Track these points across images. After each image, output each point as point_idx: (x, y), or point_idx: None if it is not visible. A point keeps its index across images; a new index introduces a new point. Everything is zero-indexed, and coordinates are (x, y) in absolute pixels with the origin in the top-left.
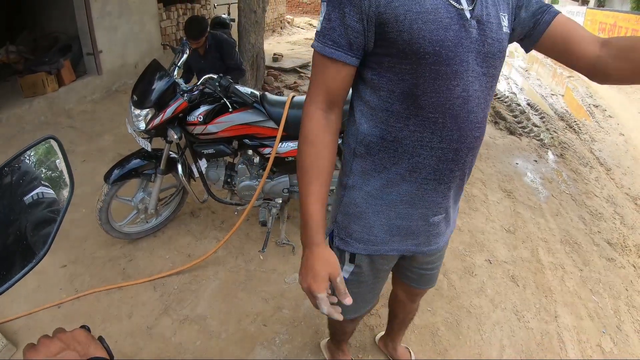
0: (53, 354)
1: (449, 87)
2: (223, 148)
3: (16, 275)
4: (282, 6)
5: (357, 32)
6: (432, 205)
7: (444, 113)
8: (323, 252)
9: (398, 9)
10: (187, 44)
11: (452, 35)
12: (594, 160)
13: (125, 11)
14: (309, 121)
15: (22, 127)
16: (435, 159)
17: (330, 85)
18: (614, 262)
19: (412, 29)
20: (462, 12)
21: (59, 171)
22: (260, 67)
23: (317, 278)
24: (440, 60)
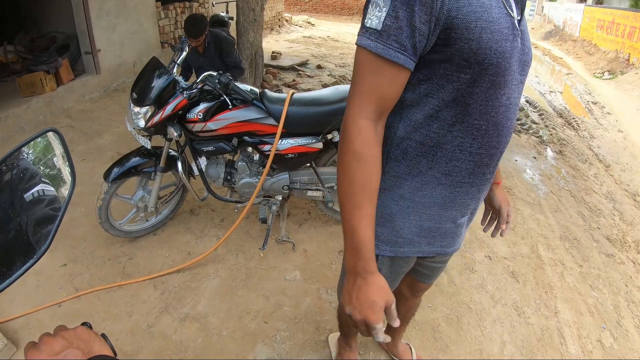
0: (56, 352)
1: (497, 96)
2: (223, 145)
3: (17, 272)
4: (280, 4)
5: (422, 34)
6: (462, 207)
7: (488, 120)
8: (379, 281)
9: (470, 16)
10: (186, 42)
11: (509, 47)
12: (593, 157)
13: (124, 10)
14: (357, 133)
15: (21, 126)
16: (472, 164)
17: (385, 92)
18: (614, 258)
19: (481, 39)
20: (514, 22)
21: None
22: (258, 65)
23: (375, 309)
24: (499, 71)
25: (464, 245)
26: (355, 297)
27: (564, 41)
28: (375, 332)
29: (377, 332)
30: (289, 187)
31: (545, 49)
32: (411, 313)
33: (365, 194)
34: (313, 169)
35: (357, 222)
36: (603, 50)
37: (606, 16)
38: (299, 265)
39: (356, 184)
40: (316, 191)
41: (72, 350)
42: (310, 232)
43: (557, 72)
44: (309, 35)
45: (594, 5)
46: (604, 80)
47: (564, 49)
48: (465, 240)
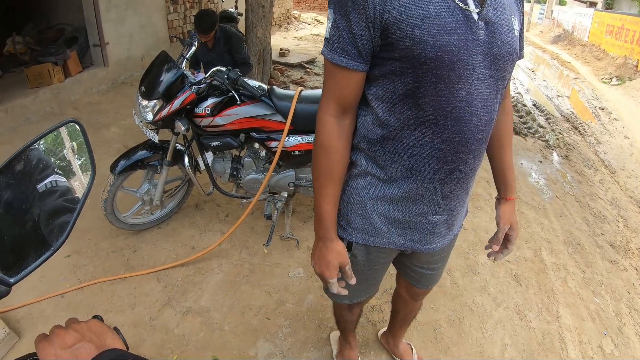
0: (68, 345)
1: (451, 91)
2: (230, 141)
3: (33, 263)
4: (289, 1)
5: (364, 38)
6: (432, 204)
7: (445, 115)
8: (336, 245)
9: (401, 15)
10: (196, 37)
11: (457, 40)
12: (599, 163)
13: (133, 4)
14: (322, 128)
15: (28, 117)
16: (435, 159)
17: (342, 92)
18: (617, 265)
19: (415, 35)
20: (469, 14)
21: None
22: (266, 62)
23: (329, 266)
24: (443, 65)
25: (468, 247)
26: (317, 256)
27: (573, 45)
28: (330, 284)
29: (331, 285)
30: (294, 184)
31: (554, 53)
32: (412, 316)
33: (327, 178)
34: None
35: (322, 199)
36: (612, 55)
37: (615, 21)
38: (303, 263)
39: (321, 169)
40: None
41: (84, 343)
42: None
43: (565, 77)
44: (317, 33)
45: (603, 10)
46: (612, 86)
47: (572, 54)
48: (468, 242)
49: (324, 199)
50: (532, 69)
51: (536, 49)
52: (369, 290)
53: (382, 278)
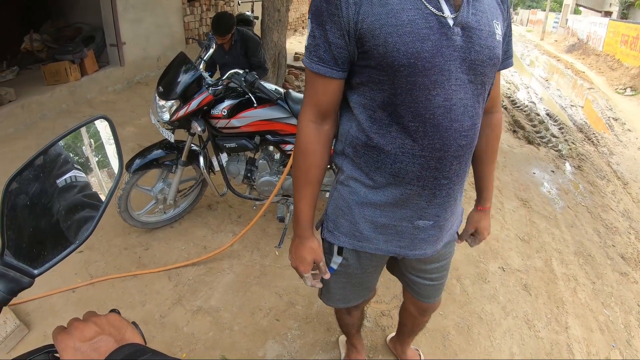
0: (87, 338)
1: (427, 97)
2: (245, 143)
3: (57, 256)
4: (304, 6)
5: (340, 47)
6: (417, 209)
7: (424, 122)
8: (310, 243)
9: (374, 24)
10: (213, 39)
11: (430, 46)
12: (611, 174)
13: (150, 4)
14: (301, 133)
15: (44, 114)
16: (418, 166)
17: (320, 98)
18: (627, 277)
19: (387, 43)
20: (444, 20)
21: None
22: (281, 66)
23: (303, 262)
24: (416, 71)
25: (478, 255)
26: (293, 252)
27: (587, 55)
28: (304, 278)
29: (306, 279)
30: None
31: (568, 62)
32: (419, 328)
33: (304, 180)
34: (333, 170)
35: (299, 199)
36: (626, 65)
37: (631, 31)
38: None
39: (299, 172)
40: None
41: (104, 336)
42: None
43: (578, 86)
44: None
45: (618, 19)
46: (626, 96)
47: (586, 63)
48: (479, 250)
49: (301, 199)
50: (546, 78)
51: (550, 58)
52: (363, 293)
53: (376, 282)
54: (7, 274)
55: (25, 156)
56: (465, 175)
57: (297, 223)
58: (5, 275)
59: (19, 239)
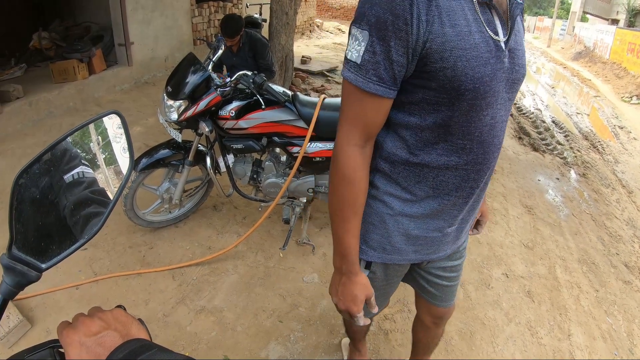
0: (93, 333)
1: (479, 117)
2: (252, 144)
3: (65, 251)
4: (312, 10)
5: (401, 65)
6: (449, 218)
7: (472, 140)
8: (360, 278)
9: (444, 45)
10: (222, 40)
11: (490, 70)
12: (616, 182)
13: (159, 5)
14: (346, 159)
15: (51, 111)
16: (459, 179)
17: (369, 120)
18: (631, 285)
19: (457, 67)
20: (499, 44)
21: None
22: (289, 68)
23: (356, 301)
24: (477, 95)
25: (482, 261)
26: (340, 292)
27: (594, 63)
28: (357, 319)
29: (358, 319)
30: (314, 190)
31: (575, 70)
32: (434, 343)
33: (351, 210)
34: None
35: (344, 233)
36: (633, 74)
37: (637, 39)
38: (318, 268)
39: (344, 202)
40: None
41: (110, 331)
42: (331, 236)
43: (585, 94)
44: (339, 41)
45: (625, 27)
46: (632, 104)
47: (593, 71)
48: (482, 256)
49: (347, 232)
50: (552, 85)
51: (557, 65)
52: (383, 304)
53: (394, 291)
54: (15, 268)
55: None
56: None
57: (344, 259)
58: (13, 268)
59: (27, 233)
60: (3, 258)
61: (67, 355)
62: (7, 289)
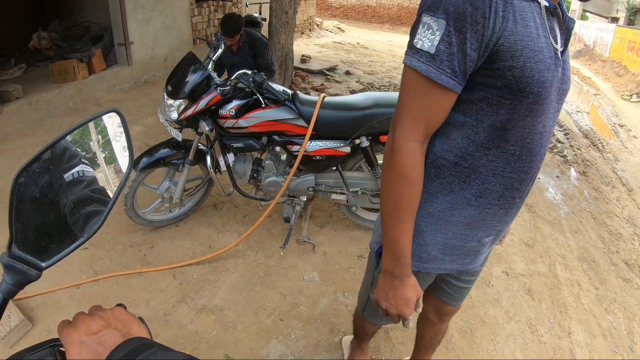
0: (93, 332)
1: (534, 124)
2: (252, 143)
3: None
4: (312, 8)
5: (472, 60)
6: (488, 228)
7: (522, 146)
8: (412, 281)
9: (516, 44)
10: (222, 39)
11: (550, 77)
12: (616, 180)
13: (159, 5)
14: (405, 157)
15: (51, 111)
16: (502, 187)
17: (434, 115)
18: (631, 283)
19: (525, 67)
20: (557, 52)
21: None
22: (288, 67)
23: (409, 304)
24: (539, 100)
25: None
26: (391, 296)
27: (594, 61)
28: (408, 321)
29: (410, 322)
30: (314, 189)
31: (574, 68)
32: (437, 340)
33: (408, 211)
34: (339, 172)
35: (400, 235)
36: (632, 72)
37: (637, 37)
38: (318, 267)
39: (401, 202)
40: (340, 195)
41: (110, 330)
42: (331, 235)
43: (584, 92)
44: (338, 40)
45: (625, 26)
46: (632, 103)
47: (593, 69)
48: None
49: (402, 234)
50: None
51: None
52: None
53: None
54: (14, 267)
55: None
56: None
57: (398, 262)
58: (13, 267)
59: (27, 232)
60: (3, 257)
61: (67, 354)
62: (7, 287)
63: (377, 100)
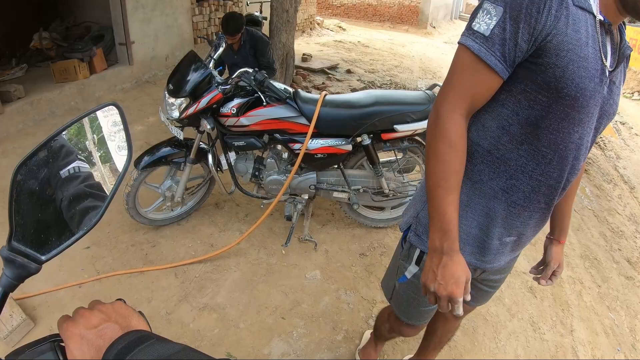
0: (93, 325)
1: (569, 131)
2: (254, 141)
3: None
4: (312, 7)
5: (521, 51)
6: (510, 227)
7: (555, 151)
8: (461, 259)
9: (563, 44)
10: (223, 38)
11: (592, 87)
12: (618, 178)
13: (159, 4)
14: (453, 126)
15: (52, 111)
16: (530, 188)
17: (479, 93)
18: (633, 281)
19: (567, 69)
20: (605, 70)
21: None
22: (289, 66)
23: (459, 284)
24: (575, 105)
25: None
26: (440, 275)
27: None
28: (458, 305)
29: (459, 306)
30: (315, 187)
31: None
32: (447, 338)
33: (457, 180)
34: (341, 170)
35: (448, 205)
36: (634, 70)
37: (639, 35)
38: (320, 265)
39: (450, 170)
40: (342, 193)
41: (110, 324)
42: (333, 233)
43: None
44: (339, 39)
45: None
46: (634, 100)
47: None
48: None
49: (450, 204)
50: None
51: None
52: (425, 317)
53: None
54: (15, 260)
55: None
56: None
57: (446, 235)
58: (13, 261)
59: (26, 226)
60: (3, 250)
61: (67, 348)
62: (8, 281)
63: (379, 98)
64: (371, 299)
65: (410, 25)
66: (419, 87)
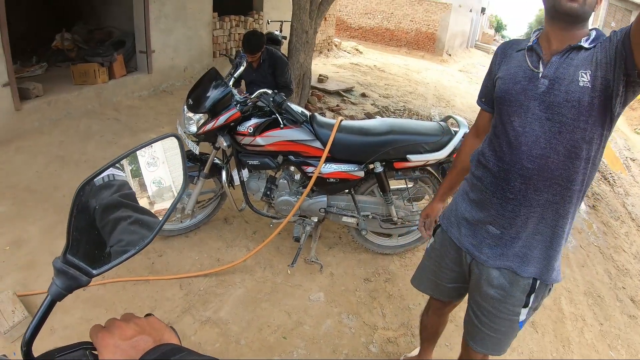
0: (128, 337)
1: (509, 121)
2: (268, 161)
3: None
4: (331, 29)
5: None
6: (489, 215)
7: (505, 139)
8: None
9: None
10: (244, 57)
11: (519, 88)
12: (626, 215)
13: (182, 16)
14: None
15: (69, 112)
16: (492, 175)
17: (479, 122)
18: (636, 320)
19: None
20: (535, 73)
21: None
22: (305, 87)
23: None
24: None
25: None
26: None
27: None
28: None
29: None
30: (325, 210)
31: None
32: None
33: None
34: (351, 195)
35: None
36: None
37: None
38: (324, 287)
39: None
40: (351, 217)
41: (143, 336)
42: (339, 256)
43: None
44: (356, 62)
45: None
46: None
47: None
48: None
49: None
50: None
51: None
52: (433, 287)
53: (447, 284)
54: (67, 272)
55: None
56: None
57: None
58: (66, 272)
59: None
60: (57, 261)
61: (100, 355)
62: (57, 290)
63: (393, 127)
64: (373, 324)
65: (426, 52)
66: (432, 114)
